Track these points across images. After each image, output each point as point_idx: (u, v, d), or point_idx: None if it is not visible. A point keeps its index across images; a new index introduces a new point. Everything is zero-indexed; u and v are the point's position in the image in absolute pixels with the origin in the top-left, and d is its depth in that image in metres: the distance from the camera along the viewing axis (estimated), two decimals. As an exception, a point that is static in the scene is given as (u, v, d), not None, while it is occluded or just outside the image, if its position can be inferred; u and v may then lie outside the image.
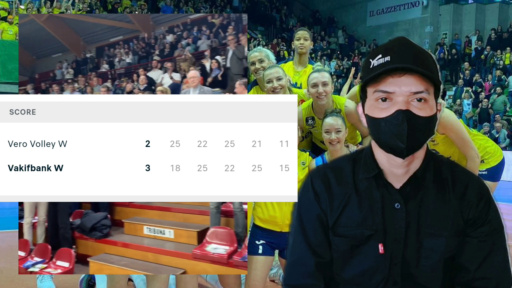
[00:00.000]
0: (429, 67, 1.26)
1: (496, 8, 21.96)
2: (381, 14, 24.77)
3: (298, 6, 26.59)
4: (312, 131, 3.40)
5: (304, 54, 4.17)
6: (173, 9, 19.24)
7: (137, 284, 3.41)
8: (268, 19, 23.61)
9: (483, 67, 19.37)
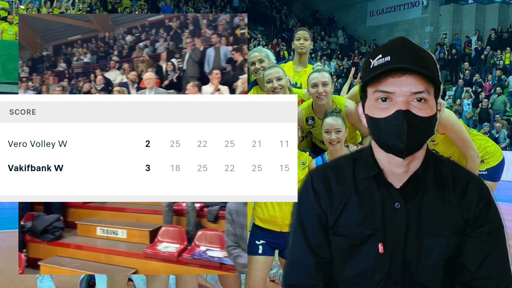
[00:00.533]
0: (429, 67, 1.26)
1: (496, 8, 21.96)
2: (381, 14, 24.78)
3: (298, 6, 26.59)
4: (312, 131, 3.40)
5: (304, 54, 4.17)
6: (173, 9, 19.24)
7: (137, 284, 3.41)
8: (268, 19, 23.61)
9: (483, 67, 19.37)
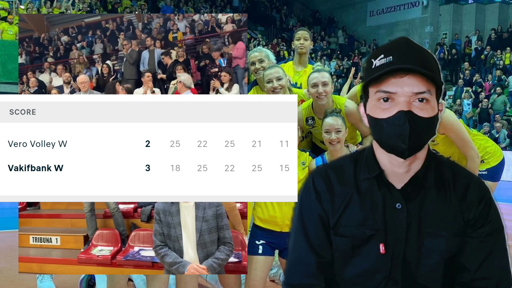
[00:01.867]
0: (431, 67, 1.26)
1: (496, 8, 21.96)
2: (381, 14, 24.77)
3: (298, 6, 26.58)
4: (312, 131, 3.40)
5: (304, 54, 4.17)
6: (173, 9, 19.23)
7: (137, 284, 3.41)
8: (268, 19, 23.61)
9: (483, 67, 19.36)
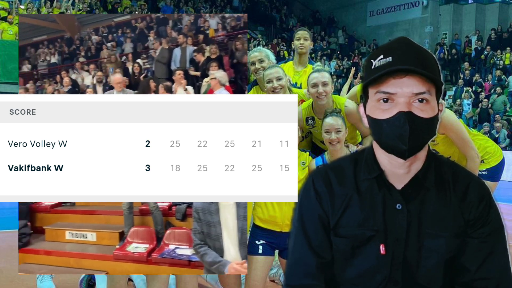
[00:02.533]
0: (431, 68, 1.26)
1: (496, 8, 21.96)
2: (381, 14, 24.77)
3: (298, 6, 26.58)
4: (312, 131, 3.40)
5: (304, 54, 4.17)
6: (173, 9, 19.24)
7: (137, 284, 3.41)
8: (268, 19, 23.61)
9: (483, 67, 19.36)
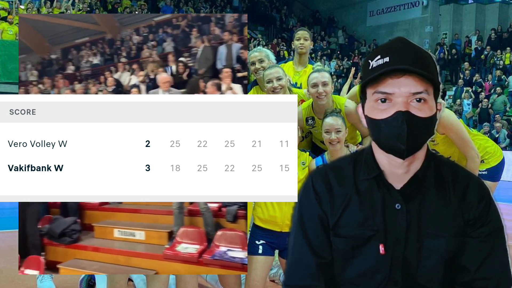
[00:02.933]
0: (428, 67, 1.26)
1: (496, 8, 21.96)
2: (381, 14, 24.77)
3: (298, 6, 26.59)
4: (312, 131, 3.40)
5: (304, 54, 4.17)
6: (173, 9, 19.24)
7: (137, 284, 3.41)
8: (268, 19, 23.61)
9: (483, 67, 19.36)
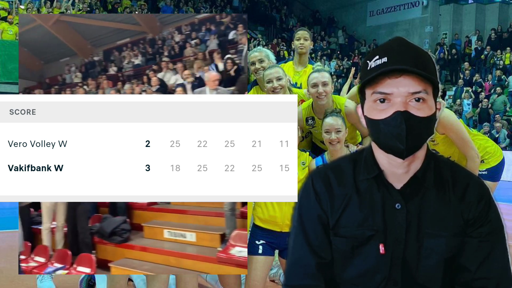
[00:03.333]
0: (426, 67, 1.26)
1: (496, 8, 21.96)
2: (381, 14, 24.77)
3: (298, 6, 26.58)
4: (312, 131, 3.40)
5: (304, 54, 4.18)
6: (173, 9, 19.24)
7: (137, 284, 3.41)
8: (268, 19, 23.61)
9: (483, 67, 19.37)
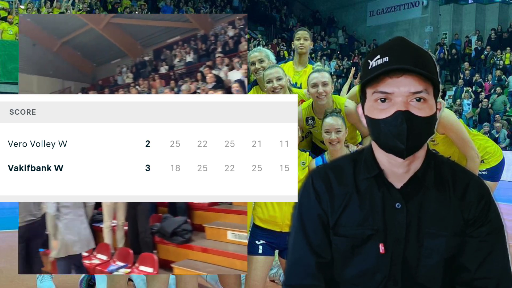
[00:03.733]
0: (427, 66, 1.26)
1: (496, 8, 21.96)
2: (381, 14, 24.77)
3: (298, 6, 26.58)
4: (312, 131, 3.40)
5: (304, 54, 4.18)
6: (173, 9, 19.24)
7: (137, 284, 3.41)
8: (268, 19, 23.60)
9: (483, 67, 19.37)
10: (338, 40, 24.14)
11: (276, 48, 19.23)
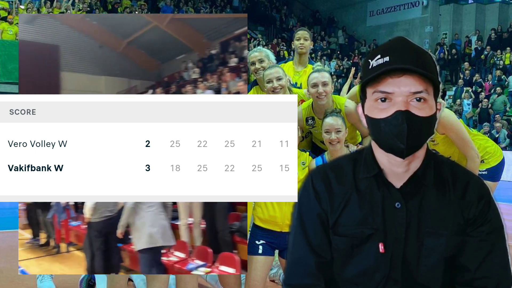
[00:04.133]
0: (428, 67, 1.27)
1: (496, 8, 21.96)
2: (381, 14, 24.77)
3: (298, 6, 26.58)
4: (312, 131, 3.40)
5: (304, 54, 4.18)
6: (173, 9, 19.23)
7: (137, 284, 3.41)
8: (268, 19, 23.61)
9: (483, 67, 19.37)
10: (338, 40, 24.14)
11: (276, 48, 19.23)
